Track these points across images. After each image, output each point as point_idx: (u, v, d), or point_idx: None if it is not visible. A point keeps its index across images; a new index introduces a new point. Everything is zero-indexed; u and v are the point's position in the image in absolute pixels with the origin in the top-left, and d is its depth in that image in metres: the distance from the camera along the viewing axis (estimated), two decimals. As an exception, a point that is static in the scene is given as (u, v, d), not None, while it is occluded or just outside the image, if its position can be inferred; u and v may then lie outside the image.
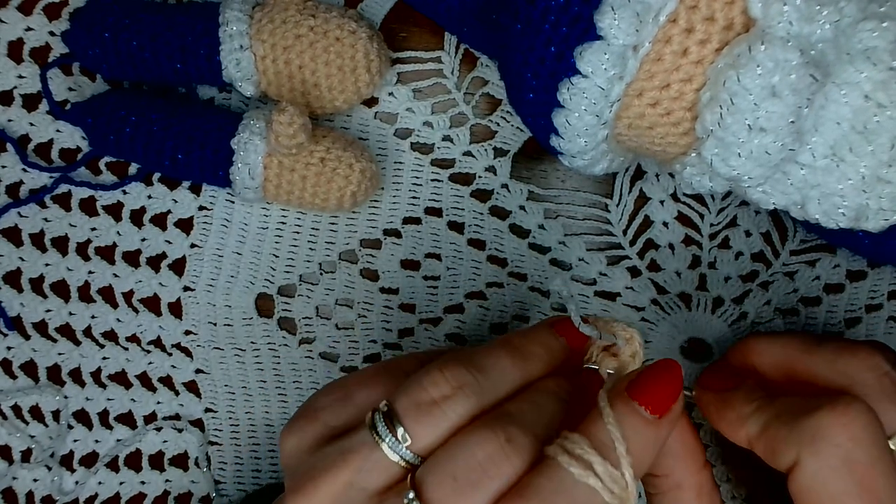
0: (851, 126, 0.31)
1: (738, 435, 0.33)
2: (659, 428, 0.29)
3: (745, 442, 0.33)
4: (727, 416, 0.34)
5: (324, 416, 0.31)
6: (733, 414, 0.33)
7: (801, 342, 0.35)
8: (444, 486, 0.27)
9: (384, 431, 0.29)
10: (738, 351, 0.38)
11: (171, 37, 0.42)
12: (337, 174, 0.41)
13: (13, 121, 0.46)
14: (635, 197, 0.44)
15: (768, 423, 0.32)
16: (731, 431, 0.33)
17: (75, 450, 0.47)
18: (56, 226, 0.46)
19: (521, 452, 0.28)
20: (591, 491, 0.27)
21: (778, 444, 0.31)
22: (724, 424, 0.34)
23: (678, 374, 0.30)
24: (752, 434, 0.32)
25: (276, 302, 0.46)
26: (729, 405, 0.34)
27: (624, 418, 0.28)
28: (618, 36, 0.30)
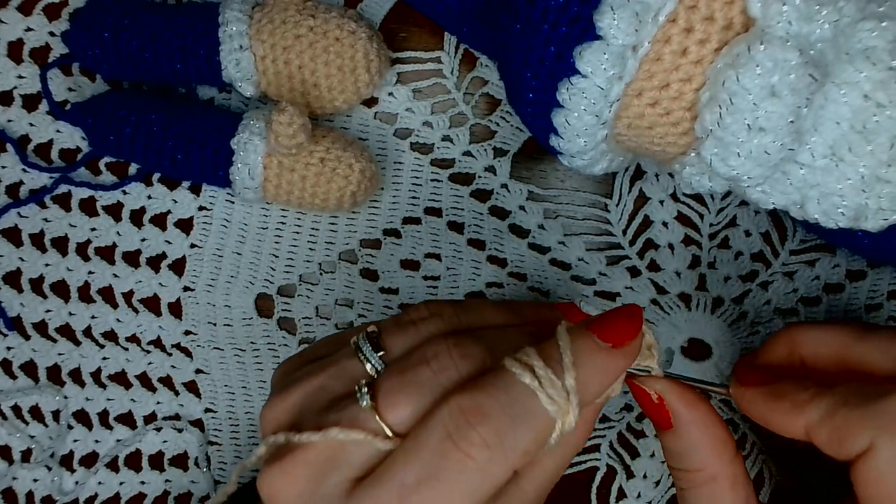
0: (851, 126, 0.31)
1: (794, 424, 0.32)
2: (611, 356, 0.29)
3: (802, 431, 0.32)
4: (779, 406, 0.33)
5: (316, 349, 0.34)
6: (786, 403, 0.32)
7: (851, 329, 0.35)
8: (392, 380, 0.29)
9: (363, 343, 0.31)
10: (780, 341, 0.37)
11: (171, 37, 0.42)
12: (337, 174, 0.41)
13: (13, 121, 0.46)
14: (635, 197, 0.44)
15: (833, 409, 0.31)
16: (784, 421, 0.32)
17: (75, 450, 0.47)
18: (56, 226, 0.46)
19: (469, 358, 0.30)
20: (530, 392, 0.28)
21: (847, 430, 0.30)
22: (776, 415, 0.33)
23: (637, 313, 0.31)
24: (813, 421, 0.31)
25: (276, 302, 0.46)
26: (780, 395, 0.33)
27: (577, 342, 0.29)
28: (617, 36, 0.30)
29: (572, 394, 0.28)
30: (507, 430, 0.27)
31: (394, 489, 0.27)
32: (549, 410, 0.28)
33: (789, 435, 0.32)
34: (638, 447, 0.45)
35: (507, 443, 0.27)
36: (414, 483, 0.27)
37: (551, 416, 0.28)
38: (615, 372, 0.30)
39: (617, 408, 0.45)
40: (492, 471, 0.27)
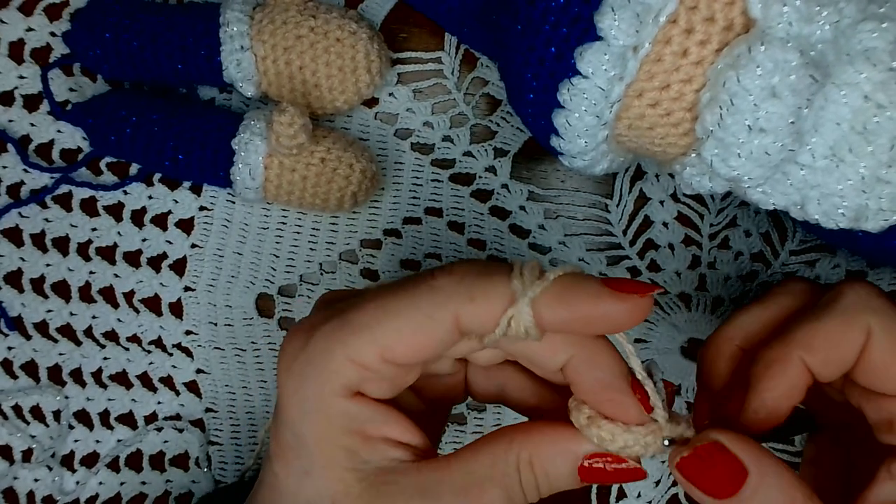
0: (851, 127, 0.31)
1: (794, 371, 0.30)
2: (604, 288, 0.27)
3: (802, 371, 0.30)
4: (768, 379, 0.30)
5: None
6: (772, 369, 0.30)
7: (753, 304, 0.34)
8: None
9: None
10: (716, 361, 0.34)
11: (172, 37, 0.42)
12: (337, 174, 0.41)
13: (14, 121, 0.46)
14: (635, 197, 0.44)
15: (814, 331, 0.30)
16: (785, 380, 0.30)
17: (76, 450, 0.47)
18: (57, 226, 0.46)
19: None
20: (506, 266, 0.28)
21: (837, 337, 0.30)
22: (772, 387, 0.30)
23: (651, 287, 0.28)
24: (806, 353, 0.30)
25: (277, 302, 0.46)
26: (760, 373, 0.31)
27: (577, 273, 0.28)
28: (618, 37, 0.30)
29: (540, 284, 0.27)
30: (471, 271, 0.28)
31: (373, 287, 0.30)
32: (512, 283, 0.27)
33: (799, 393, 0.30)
34: (638, 447, 0.45)
35: (464, 279, 0.27)
36: (386, 284, 0.29)
37: (510, 286, 0.27)
38: (601, 309, 0.27)
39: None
40: (438, 292, 0.27)
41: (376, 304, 0.28)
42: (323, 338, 0.28)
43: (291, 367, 0.29)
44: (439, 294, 0.27)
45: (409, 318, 0.27)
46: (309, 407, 0.29)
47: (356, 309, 0.28)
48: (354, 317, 0.28)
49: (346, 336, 0.28)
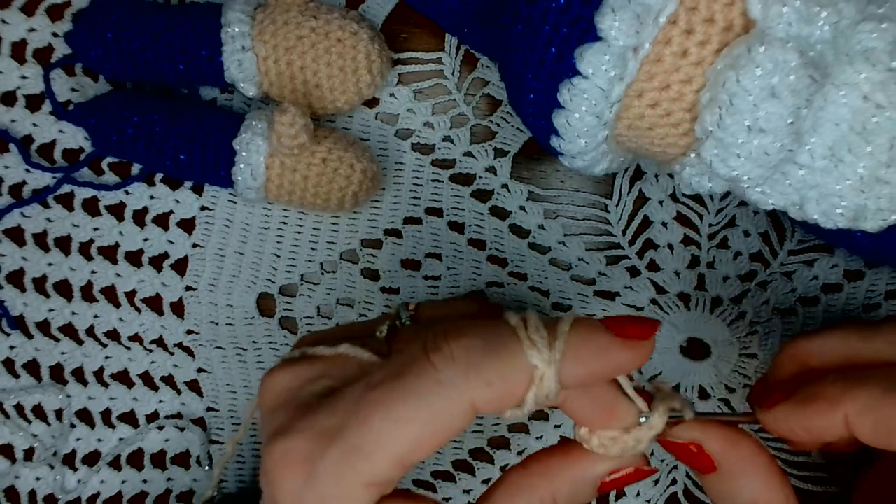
0: (850, 127, 0.31)
1: (832, 422, 0.31)
2: (612, 340, 0.27)
3: (842, 427, 0.31)
4: (811, 409, 0.31)
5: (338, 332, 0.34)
6: (818, 404, 0.31)
7: (855, 330, 0.34)
8: None
9: (402, 311, 0.32)
10: (786, 358, 0.36)
11: (174, 38, 0.42)
12: (338, 174, 0.42)
13: (16, 121, 0.46)
14: (634, 197, 0.44)
15: (877, 398, 0.30)
16: (821, 423, 0.31)
17: (78, 448, 0.48)
18: (59, 226, 0.46)
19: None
20: (514, 333, 0.27)
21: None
22: (811, 419, 0.31)
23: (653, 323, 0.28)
24: (854, 412, 0.30)
25: (278, 301, 0.46)
26: (809, 399, 0.32)
27: (581, 321, 0.28)
28: (618, 37, 0.30)
29: (557, 350, 0.26)
30: (476, 351, 0.26)
31: (360, 387, 0.27)
32: (527, 354, 0.26)
33: (827, 437, 0.31)
34: (638, 446, 0.45)
35: (473, 362, 0.26)
36: (377, 382, 0.27)
37: (528, 360, 0.26)
38: (613, 360, 0.27)
39: (617, 407, 0.45)
40: (449, 387, 0.26)
41: (381, 416, 0.26)
42: (331, 471, 0.26)
43: (295, 478, 0.26)
44: (451, 389, 0.26)
45: (424, 422, 0.26)
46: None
47: (359, 426, 0.26)
48: (361, 438, 0.26)
49: (359, 463, 0.26)
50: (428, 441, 0.26)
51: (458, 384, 0.26)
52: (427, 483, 0.47)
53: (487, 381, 0.26)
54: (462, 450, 0.46)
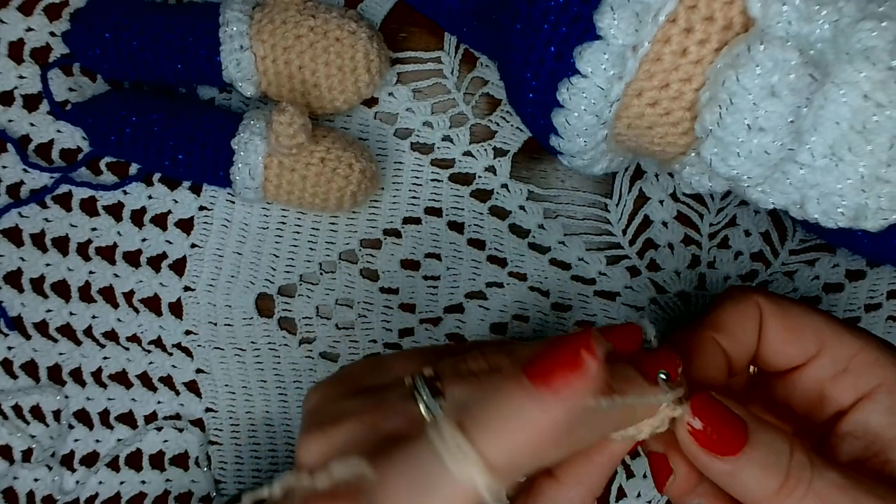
0: (850, 125, 0.31)
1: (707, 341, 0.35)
2: (538, 404, 0.24)
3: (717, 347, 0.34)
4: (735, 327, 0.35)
5: (359, 378, 0.32)
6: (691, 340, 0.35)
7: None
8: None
9: (421, 387, 0.29)
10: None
11: (172, 37, 0.42)
12: (337, 174, 0.42)
13: (14, 121, 0.46)
14: (635, 197, 0.44)
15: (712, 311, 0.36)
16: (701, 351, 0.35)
17: (76, 449, 0.47)
18: (57, 226, 0.46)
19: None
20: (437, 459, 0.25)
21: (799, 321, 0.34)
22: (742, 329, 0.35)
23: (584, 341, 0.25)
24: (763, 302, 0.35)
25: (277, 302, 0.46)
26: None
27: (505, 389, 0.25)
28: (617, 36, 0.30)
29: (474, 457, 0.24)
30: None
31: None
32: (457, 478, 0.24)
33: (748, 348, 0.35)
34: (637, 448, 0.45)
35: None
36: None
37: (461, 483, 0.24)
38: (549, 425, 0.25)
39: (617, 407, 0.45)
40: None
41: None
42: None
43: None
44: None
45: None
46: None
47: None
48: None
49: None
50: None
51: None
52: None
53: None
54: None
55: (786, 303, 0.35)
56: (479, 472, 0.24)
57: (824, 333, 0.34)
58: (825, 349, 0.34)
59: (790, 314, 0.35)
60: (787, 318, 0.34)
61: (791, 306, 0.35)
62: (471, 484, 0.24)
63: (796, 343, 0.34)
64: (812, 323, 0.34)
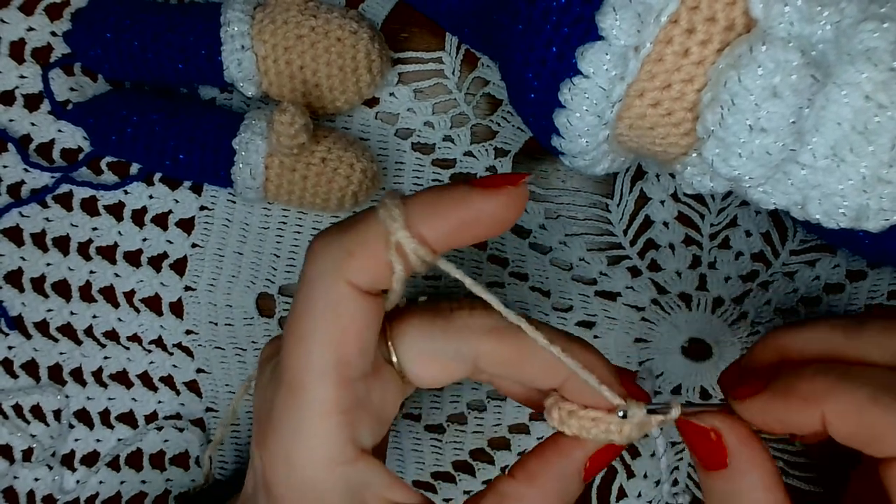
0: (852, 126, 0.31)
1: (810, 417, 0.29)
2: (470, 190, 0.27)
3: (819, 423, 0.29)
4: (790, 402, 0.30)
5: None
6: (795, 400, 0.30)
7: (840, 326, 0.33)
8: None
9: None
10: (766, 347, 0.35)
11: (173, 37, 0.42)
12: (338, 174, 0.42)
13: (15, 121, 0.46)
14: (636, 197, 0.44)
15: (863, 405, 0.28)
16: (797, 417, 0.30)
17: (76, 449, 0.47)
18: (57, 225, 0.46)
19: None
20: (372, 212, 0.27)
21: (883, 430, 0.28)
22: (787, 411, 0.30)
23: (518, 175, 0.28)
24: (835, 414, 0.29)
25: (278, 302, 0.46)
26: (786, 392, 0.30)
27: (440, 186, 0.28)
28: (619, 36, 0.30)
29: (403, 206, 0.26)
30: (333, 236, 0.27)
31: None
32: (379, 217, 0.26)
33: (801, 431, 0.30)
34: (638, 446, 0.45)
35: (330, 243, 0.27)
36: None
37: (380, 222, 0.26)
38: (474, 206, 0.27)
39: (617, 407, 0.45)
40: (321, 278, 0.26)
41: (293, 343, 0.27)
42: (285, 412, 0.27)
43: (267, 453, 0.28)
44: (323, 279, 0.26)
45: (317, 318, 0.26)
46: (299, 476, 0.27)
47: (286, 360, 0.27)
48: (290, 369, 0.27)
49: (298, 395, 0.27)
50: (340, 342, 0.26)
51: (327, 271, 0.26)
52: (427, 484, 0.46)
53: (348, 252, 0.26)
54: (462, 450, 0.46)
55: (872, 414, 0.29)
56: (403, 228, 0.26)
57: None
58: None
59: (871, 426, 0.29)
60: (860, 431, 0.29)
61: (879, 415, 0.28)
62: (391, 237, 0.26)
63: (862, 447, 0.29)
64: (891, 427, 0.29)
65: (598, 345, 0.44)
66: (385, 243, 0.26)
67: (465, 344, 0.29)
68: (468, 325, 0.29)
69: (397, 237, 0.26)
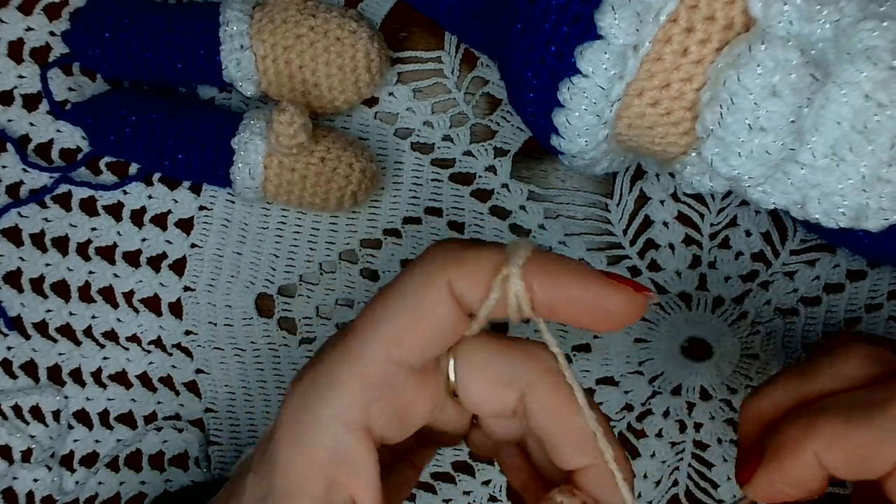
0: (851, 125, 0.31)
1: (806, 463, 0.30)
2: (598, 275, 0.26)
3: (817, 465, 0.29)
4: (783, 457, 0.30)
5: None
6: (787, 451, 0.30)
7: (796, 372, 0.33)
8: None
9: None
10: (746, 422, 0.34)
11: (172, 37, 0.42)
12: (337, 174, 0.41)
13: (13, 121, 0.46)
14: (635, 197, 0.44)
15: (837, 430, 0.29)
16: (796, 469, 0.30)
17: (76, 450, 0.47)
18: (56, 226, 0.46)
19: None
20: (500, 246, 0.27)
21: (869, 451, 0.28)
22: (786, 468, 0.30)
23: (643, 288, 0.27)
24: (822, 448, 0.29)
25: (277, 302, 0.46)
26: (779, 448, 0.31)
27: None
28: (618, 35, 0.30)
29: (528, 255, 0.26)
30: (455, 243, 0.27)
31: None
32: (505, 249, 0.26)
33: (814, 483, 0.30)
34: (638, 447, 0.45)
35: (452, 247, 0.26)
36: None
37: (500, 253, 0.26)
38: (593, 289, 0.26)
39: (617, 407, 0.45)
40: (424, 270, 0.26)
41: (373, 304, 0.27)
42: (330, 353, 0.27)
43: (296, 388, 0.27)
44: (429, 263, 0.26)
45: (407, 296, 0.26)
46: (299, 431, 0.27)
47: (359, 317, 0.27)
48: (357, 322, 0.27)
49: (350, 343, 0.26)
50: (412, 320, 0.26)
51: (433, 266, 0.26)
52: (427, 485, 0.46)
53: (460, 259, 0.26)
54: (462, 451, 0.46)
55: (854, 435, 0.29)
56: (518, 273, 0.25)
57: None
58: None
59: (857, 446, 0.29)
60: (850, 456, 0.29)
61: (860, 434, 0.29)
62: (501, 271, 0.25)
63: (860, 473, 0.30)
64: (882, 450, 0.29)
65: (598, 345, 0.44)
66: (496, 270, 0.26)
67: (524, 369, 0.28)
68: (534, 355, 0.28)
69: (509, 271, 0.25)
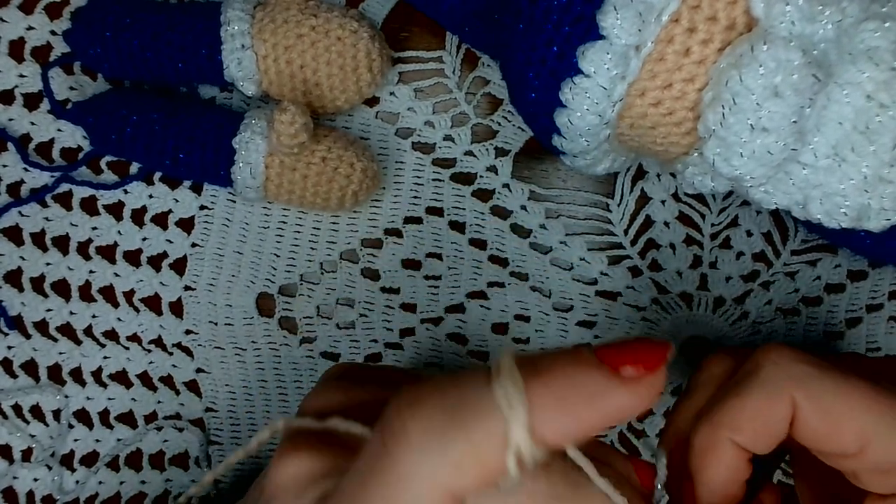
0: (853, 126, 0.31)
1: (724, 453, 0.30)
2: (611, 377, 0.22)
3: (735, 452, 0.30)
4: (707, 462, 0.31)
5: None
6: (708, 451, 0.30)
7: (682, 398, 0.35)
8: None
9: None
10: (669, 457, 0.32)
11: (173, 36, 0.42)
12: (338, 173, 0.41)
13: (14, 120, 0.46)
14: (636, 197, 0.44)
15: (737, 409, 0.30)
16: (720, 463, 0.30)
17: (76, 449, 0.47)
18: (57, 225, 0.46)
19: None
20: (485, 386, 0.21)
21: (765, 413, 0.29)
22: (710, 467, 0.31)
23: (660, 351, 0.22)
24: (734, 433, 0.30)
25: (277, 301, 0.46)
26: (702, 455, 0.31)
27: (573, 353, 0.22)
28: (620, 35, 0.30)
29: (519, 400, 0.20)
30: (436, 425, 0.20)
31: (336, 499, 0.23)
32: (500, 406, 0.20)
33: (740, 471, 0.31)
34: (638, 447, 0.45)
35: (433, 441, 0.20)
36: (343, 490, 0.22)
37: (501, 412, 0.20)
38: (613, 405, 0.21)
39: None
40: (413, 482, 0.20)
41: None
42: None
43: None
44: (416, 485, 0.20)
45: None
46: None
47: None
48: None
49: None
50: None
51: (422, 476, 0.20)
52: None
53: (456, 465, 0.20)
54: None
55: (827, 399, 0.29)
56: (520, 429, 0.20)
57: (868, 434, 0.29)
58: (868, 450, 0.29)
59: (830, 414, 0.29)
60: (826, 420, 0.29)
61: (833, 404, 0.29)
62: (509, 416, 0.20)
63: (835, 444, 0.29)
64: (856, 422, 0.29)
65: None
66: (501, 446, 0.20)
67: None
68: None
69: (517, 441, 0.20)
